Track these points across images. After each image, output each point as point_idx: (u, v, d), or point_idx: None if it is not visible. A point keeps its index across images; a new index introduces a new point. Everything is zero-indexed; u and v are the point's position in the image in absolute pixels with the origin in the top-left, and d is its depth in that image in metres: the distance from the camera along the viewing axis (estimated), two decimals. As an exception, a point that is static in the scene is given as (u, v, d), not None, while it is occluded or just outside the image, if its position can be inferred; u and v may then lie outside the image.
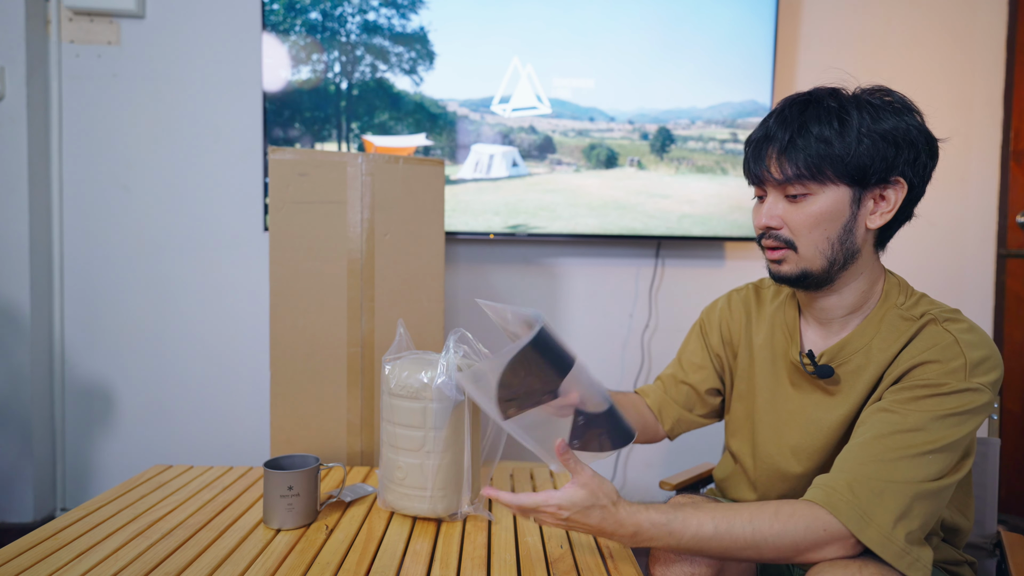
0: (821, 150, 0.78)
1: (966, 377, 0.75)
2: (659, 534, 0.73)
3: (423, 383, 0.95)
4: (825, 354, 0.86)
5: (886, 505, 0.71)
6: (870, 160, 0.78)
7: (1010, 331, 2.15)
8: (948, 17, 2.12)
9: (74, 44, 1.94)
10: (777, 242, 0.83)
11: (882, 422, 0.76)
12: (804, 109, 0.81)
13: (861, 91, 0.83)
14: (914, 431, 0.74)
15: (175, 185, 1.99)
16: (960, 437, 0.74)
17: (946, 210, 2.15)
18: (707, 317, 1.07)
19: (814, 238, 0.81)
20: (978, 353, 0.77)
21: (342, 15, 1.89)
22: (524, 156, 1.98)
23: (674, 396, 1.05)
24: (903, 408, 0.76)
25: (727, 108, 1.99)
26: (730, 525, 0.72)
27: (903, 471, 0.72)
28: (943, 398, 0.75)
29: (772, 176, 0.81)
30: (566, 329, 2.11)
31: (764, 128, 0.83)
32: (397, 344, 1.02)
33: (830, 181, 0.79)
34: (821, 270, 0.82)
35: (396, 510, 0.99)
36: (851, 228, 0.81)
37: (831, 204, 0.80)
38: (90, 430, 2.01)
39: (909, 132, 0.79)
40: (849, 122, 0.78)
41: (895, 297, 0.85)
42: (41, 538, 0.87)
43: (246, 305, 2.01)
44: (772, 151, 0.81)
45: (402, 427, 0.98)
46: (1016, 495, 2.11)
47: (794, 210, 0.81)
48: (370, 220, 1.33)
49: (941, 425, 0.74)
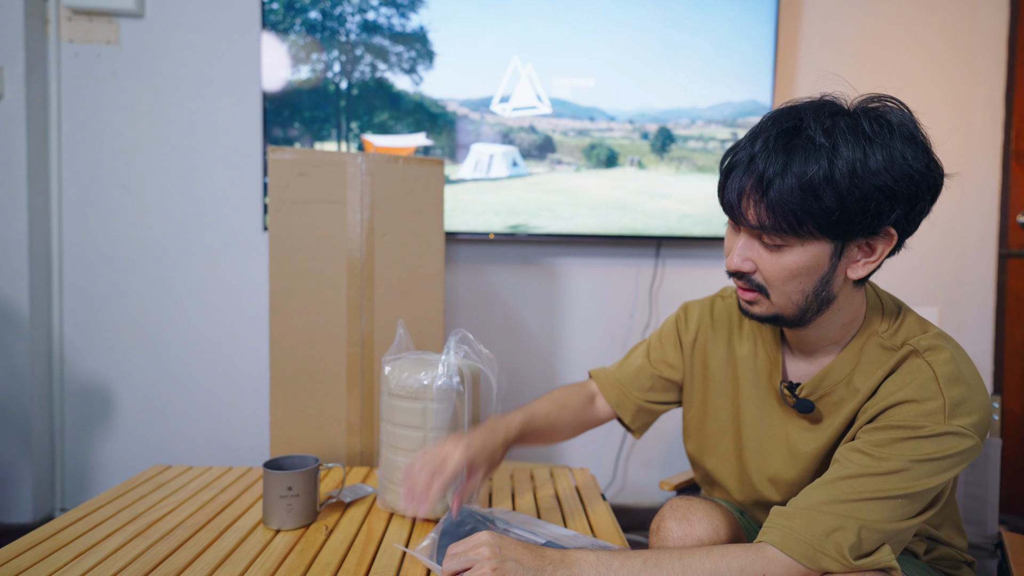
0: (804, 202, 0.68)
1: (945, 419, 0.70)
2: (585, 566, 0.70)
3: (423, 384, 0.95)
4: (806, 386, 0.82)
5: (840, 540, 0.68)
6: (859, 214, 0.69)
7: (1011, 331, 2.15)
8: (948, 17, 2.12)
9: (73, 43, 1.94)
10: (749, 285, 0.77)
11: (853, 463, 0.72)
12: (790, 140, 0.70)
13: (856, 109, 0.72)
14: (886, 475, 0.70)
15: (175, 185, 1.99)
16: (935, 486, 0.70)
17: (946, 210, 2.15)
18: (684, 315, 1.03)
19: (787, 290, 0.74)
20: (958, 392, 0.71)
21: (342, 14, 1.89)
22: (524, 156, 1.98)
23: (637, 384, 1.03)
24: (877, 451, 0.71)
25: (728, 108, 1.99)
26: (658, 560, 0.70)
27: (867, 512, 0.69)
28: (920, 441, 0.70)
29: (747, 220, 0.72)
30: (566, 329, 2.11)
31: (747, 153, 0.72)
32: (397, 345, 1.02)
33: (810, 236, 0.71)
34: (793, 316, 0.77)
35: (396, 511, 0.99)
36: (829, 280, 0.74)
37: (809, 259, 0.72)
38: (89, 430, 2.01)
39: (907, 175, 0.69)
40: (838, 165, 0.67)
41: (876, 323, 0.80)
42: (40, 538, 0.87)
43: (246, 305, 2.01)
44: (750, 190, 0.71)
45: (402, 427, 0.98)
46: (1017, 495, 2.11)
47: (769, 259, 0.74)
48: (370, 220, 1.33)
49: (917, 471, 0.69)
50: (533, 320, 2.10)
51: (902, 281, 2.16)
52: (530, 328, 2.10)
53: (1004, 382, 2.17)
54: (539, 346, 2.10)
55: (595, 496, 1.10)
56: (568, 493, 1.11)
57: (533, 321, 2.10)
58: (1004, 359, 2.16)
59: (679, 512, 0.85)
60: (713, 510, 0.85)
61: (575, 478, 1.20)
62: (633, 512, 2.12)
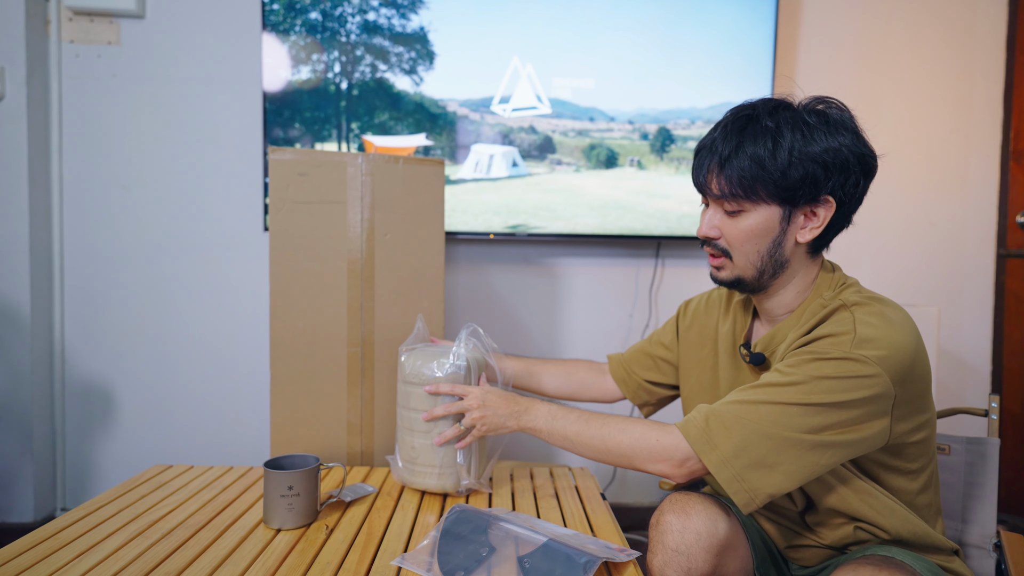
0: (754, 171, 0.83)
1: (851, 348, 0.79)
2: (540, 415, 0.97)
3: (434, 372, 1.06)
4: (758, 343, 0.94)
5: (731, 437, 0.80)
6: (799, 182, 0.83)
7: (1010, 331, 2.16)
8: (948, 17, 2.12)
9: (74, 44, 1.94)
10: (716, 251, 0.91)
11: (763, 379, 0.83)
12: (744, 126, 0.85)
13: (802, 106, 0.86)
14: (784, 385, 0.80)
15: (175, 185, 1.99)
16: (834, 402, 0.77)
17: (946, 210, 2.15)
18: (685, 308, 1.16)
19: (746, 250, 0.88)
20: (870, 331, 0.80)
21: (342, 15, 1.89)
22: (524, 156, 1.98)
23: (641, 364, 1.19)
24: (783, 367, 0.82)
25: (727, 108, 1.98)
26: (588, 425, 0.92)
27: (760, 414, 0.79)
28: (822, 363, 0.79)
29: (711, 191, 0.87)
30: (566, 329, 2.11)
31: (710, 138, 0.88)
32: (415, 336, 1.14)
33: (762, 200, 0.85)
34: (752, 278, 0.90)
35: (409, 485, 1.10)
36: (780, 243, 0.87)
37: (762, 221, 0.86)
38: (90, 430, 2.01)
39: (840, 153, 0.83)
40: (782, 144, 0.82)
41: (824, 290, 0.90)
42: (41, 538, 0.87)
43: (246, 305, 2.01)
44: (713, 165, 0.86)
45: (415, 411, 1.08)
46: (1016, 495, 2.11)
47: (730, 223, 0.88)
48: (370, 220, 1.33)
49: (815, 386, 0.78)
50: (533, 320, 2.10)
51: (902, 281, 2.16)
52: (530, 328, 2.10)
53: (1003, 382, 2.17)
54: (539, 346, 2.11)
55: (595, 495, 1.10)
56: (568, 493, 1.11)
57: (533, 321, 2.10)
58: (1003, 359, 2.16)
59: (678, 506, 0.86)
60: (711, 505, 0.86)
61: (575, 478, 1.20)
62: (633, 511, 2.12)
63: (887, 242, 2.16)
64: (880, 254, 2.16)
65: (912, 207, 2.15)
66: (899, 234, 2.16)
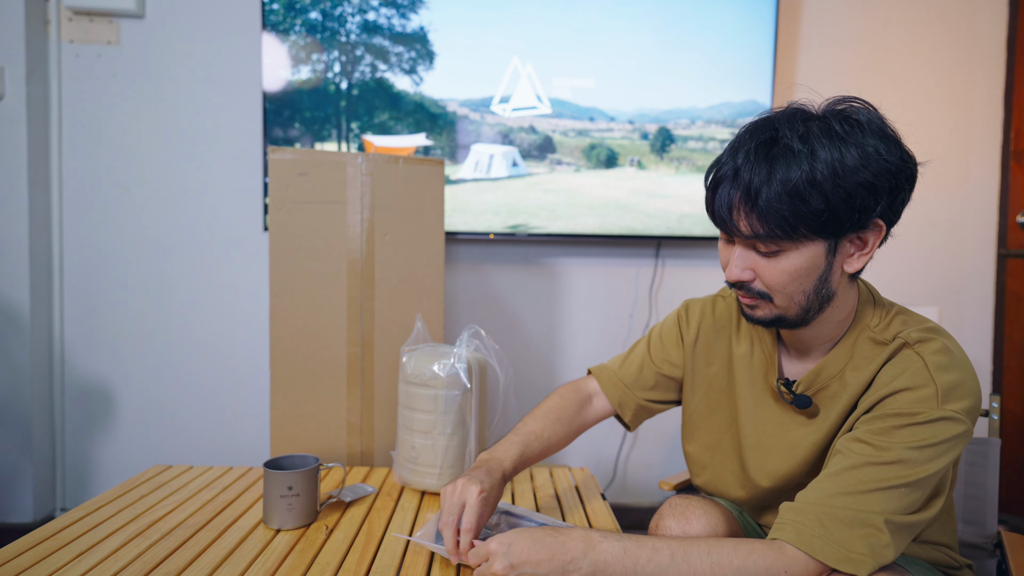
0: (794, 208, 0.70)
1: (939, 405, 0.72)
2: (612, 548, 0.70)
3: (435, 372, 1.06)
4: (802, 382, 0.83)
5: (857, 536, 0.69)
6: (847, 212, 0.72)
7: (1010, 331, 2.15)
8: (948, 17, 2.12)
9: (74, 44, 1.94)
10: (750, 293, 0.79)
11: (855, 453, 0.73)
12: (769, 150, 0.72)
13: (827, 112, 0.74)
14: (888, 464, 0.71)
15: (175, 185, 1.99)
16: (934, 472, 0.71)
17: (946, 210, 2.15)
18: (686, 313, 1.04)
19: (789, 292, 0.76)
20: (949, 377, 0.73)
21: (342, 15, 1.89)
22: (524, 156, 1.98)
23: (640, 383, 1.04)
24: (876, 439, 0.73)
25: (727, 108, 1.99)
26: (687, 554, 0.69)
27: (874, 503, 0.70)
28: (917, 428, 0.72)
29: (739, 231, 0.75)
30: (566, 329, 2.11)
31: (731, 166, 0.75)
32: (415, 336, 1.13)
33: (804, 238, 0.73)
34: (796, 316, 0.79)
35: (409, 485, 1.09)
36: (827, 277, 0.77)
37: (806, 259, 0.74)
38: (90, 430, 2.01)
39: (887, 171, 0.72)
40: (820, 169, 0.70)
41: (868, 318, 0.82)
42: (41, 538, 0.87)
43: (246, 305, 2.01)
44: (739, 203, 0.73)
45: (416, 411, 1.08)
46: (1016, 495, 2.11)
47: (766, 265, 0.76)
48: (370, 220, 1.33)
49: (916, 457, 0.71)
50: (533, 320, 2.10)
51: (902, 281, 2.16)
52: (530, 328, 2.10)
53: (1003, 382, 2.17)
54: (539, 346, 2.11)
55: (594, 494, 1.10)
56: (568, 493, 1.11)
57: (533, 321, 2.10)
58: (1003, 359, 2.16)
59: (677, 510, 0.85)
60: (711, 508, 0.85)
61: (575, 478, 1.20)
62: (633, 512, 2.12)
63: (887, 242, 2.15)
64: (880, 254, 2.14)
65: (912, 207, 2.13)
66: (899, 234, 2.16)
